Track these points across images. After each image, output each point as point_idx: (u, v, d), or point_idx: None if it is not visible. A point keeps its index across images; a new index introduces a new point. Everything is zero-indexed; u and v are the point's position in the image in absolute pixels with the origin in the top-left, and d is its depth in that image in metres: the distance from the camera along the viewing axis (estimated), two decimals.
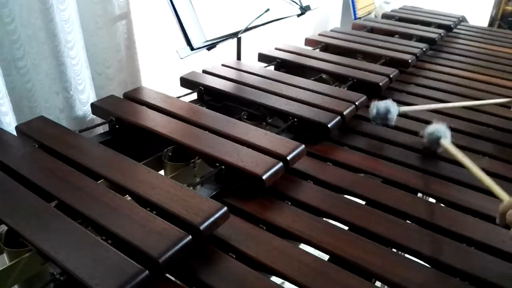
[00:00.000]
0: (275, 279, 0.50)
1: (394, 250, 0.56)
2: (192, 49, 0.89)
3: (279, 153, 0.65)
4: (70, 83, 0.81)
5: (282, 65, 1.14)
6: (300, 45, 1.26)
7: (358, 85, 1.00)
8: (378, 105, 0.83)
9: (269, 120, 0.85)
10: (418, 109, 0.90)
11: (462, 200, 0.65)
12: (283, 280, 0.50)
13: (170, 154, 0.74)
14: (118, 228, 0.48)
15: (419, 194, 0.68)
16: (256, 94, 0.90)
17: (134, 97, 0.84)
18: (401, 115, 0.86)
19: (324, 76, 1.08)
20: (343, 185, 0.67)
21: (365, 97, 0.90)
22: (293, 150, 0.67)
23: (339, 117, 0.80)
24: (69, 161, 0.62)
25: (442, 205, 0.66)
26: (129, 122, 0.75)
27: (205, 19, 0.93)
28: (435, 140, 0.75)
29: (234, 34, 0.99)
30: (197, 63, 1.02)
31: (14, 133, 0.71)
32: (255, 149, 0.66)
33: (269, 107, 0.85)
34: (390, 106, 0.82)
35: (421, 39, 1.36)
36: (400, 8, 1.83)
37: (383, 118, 0.82)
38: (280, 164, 0.63)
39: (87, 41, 0.87)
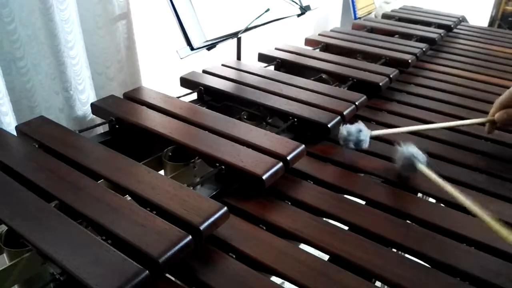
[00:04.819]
0: (275, 279, 0.50)
1: (394, 250, 0.56)
2: (192, 49, 0.89)
3: (279, 153, 0.65)
4: (70, 83, 0.81)
5: (282, 65, 1.13)
6: (300, 45, 1.26)
7: (358, 85, 1.00)
8: (349, 128, 0.74)
9: (269, 120, 0.85)
10: (391, 132, 0.80)
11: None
12: (283, 280, 0.50)
13: (170, 154, 0.74)
14: (118, 228, 0.48)
15: (419, 194, 0.68)
16: (256, 94, 0.90)
17: (134, 97, 0.84)
18: (374, 138, 0.78)
19: (324, 76, 1.08)
20: (343, 185, 0.67)
21: (365, 97, 0.90)
22: (293, 150, 0.67)
23: (339, 117, 0.80)
24: (69, 161, 0.62)
25: (442, 205, 0.66)
26: (129, 122, 0.75)
27: (205, 19, 0.93)
28: (411, 166, 0.67)
29: (234, 34, 0.99)
30: (197, 63, 1.02)
31: (14, 133, 0.71)
32: (255, 149, 0.66)
33: (269, 107, 0.85)
34: (361, 128, 0.74)
35: (421, 39, 1.36)
36: (400, 8, 1.83)
37: (355, 140, 0.74)
38: (280, 164, 0.63)
39: (87, 41, 0.87)
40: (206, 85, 0.93)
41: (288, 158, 0.65)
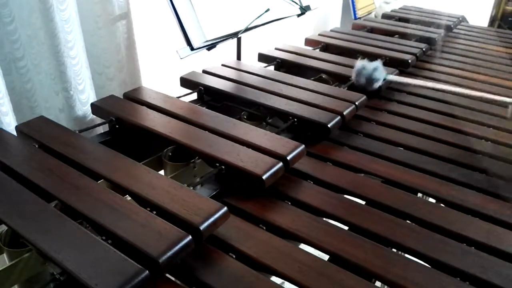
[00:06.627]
0: (275, 279, 0.50)
1: (394, 250, 0.56)
2: (192, 49, 0.89)
3: (279, 153, 0.65)
4: (70, 83, 0.81)
5: (282, 65, 1.14)
6: (300, 45, 1.26)
7: None
8: (366, 63, 0.77)
9: (269, 120, 0.85)
10: (407, 82, 0.87)
11: (462, 200, 0.65)
12: (283, 280, 0.50)
13: (170, 154, 0.74)
14: (118, 228, 0.48)
15: (419, 194, 0.68)
16: (256, 94, 0.90)
17: (134, 97, 0.84)
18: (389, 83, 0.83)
19: (324, 76, 1.08)
20: (343, 185, 0.67)
21: (365, 97, 0.90)
22: (293, 150, 0.67)
23: (339, 117, 0.80)
24: (69, 161, 0.62)
25: (442, 205, 0.66)
26: (129, 122, 0.75)
27: (205, 19, 0.93)
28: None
29: (234, 34, 0.99)
30: (197, 63, 1.02)
31: (14, 133, 0.71)
32: (255, 149, 0.66)
33: (269, 107, 0.85)
34: (378, 66, 0.77)
35: (421, 39, 1.36)
36: (400, 8, 1.83)
37: (367, 78, 0.77)
38: (280, 164, 0.63)
39: (87, 41, 0.87)
40: (206, 85, 0.93)
41: (288, 158, 0.65)
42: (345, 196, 0.66)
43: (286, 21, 1.16)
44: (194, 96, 0.94)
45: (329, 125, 0.78)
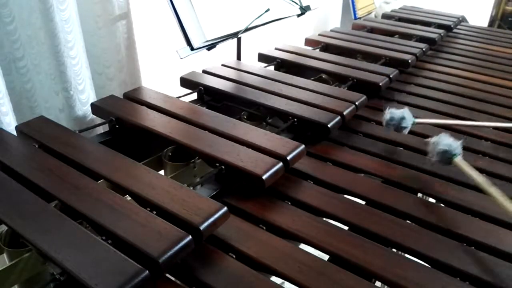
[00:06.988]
0: (275, 279, 0.50)
1: (394, 250, 0.56)
2: (192, 49, 0.89)
3: (279, 153, 0.65)
4: (70, 83, 0.81)
5: (282, 65, 1.14)
6: (300, 45, 1.26)
7: (358, 85, 1.00)
8: (393, 112, 0.80)
9: (269, 120, 0.85)
10: (433, 122, 0.88)
11: (462, 200, 0.65)
12: (283, 280, 0.50)
13: (170, 154, 0.74)
14: (118, 228, 0.48)
15: (419, 194, 0.68)
16: (256, 94, 0.90)
17: (134, 97, 0.84)
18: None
19: (324, 76, 1.08)
20: (343, 185, 0.67)
21: (365, 97, 0.90)
22: (293, 150, 0.67)
23: (339, 117, 0.80)
24: (69, 161, 0.62)
25: (442, 205, 0.66)
26: (129, 122, 0.75)
27: (205, 19, 0.93)
28: (448, 159, 0.69)
29: (234, 34, 0.99)
30: (197, 63, 1.02)
31: (14, 133, 0.71)
32: (255, 149, 0.66)
33: (269, 107, 0.85)
34: (405, 114, 0.79)
35: (421, 39, 1.36)
36: (400, 8, 1.83)
37: (396, 125, 0.79)
38: (280, 164, 0.63)
39: (87, 41, 0.87)
40: (206, 85, 0.93)
41: (288, 158, 0.65)
42: (345, 196, 0.66)
43: (286, 21, 1.16)
44: (194, 96, 0.94)
45: (329, 125, 0.78)
